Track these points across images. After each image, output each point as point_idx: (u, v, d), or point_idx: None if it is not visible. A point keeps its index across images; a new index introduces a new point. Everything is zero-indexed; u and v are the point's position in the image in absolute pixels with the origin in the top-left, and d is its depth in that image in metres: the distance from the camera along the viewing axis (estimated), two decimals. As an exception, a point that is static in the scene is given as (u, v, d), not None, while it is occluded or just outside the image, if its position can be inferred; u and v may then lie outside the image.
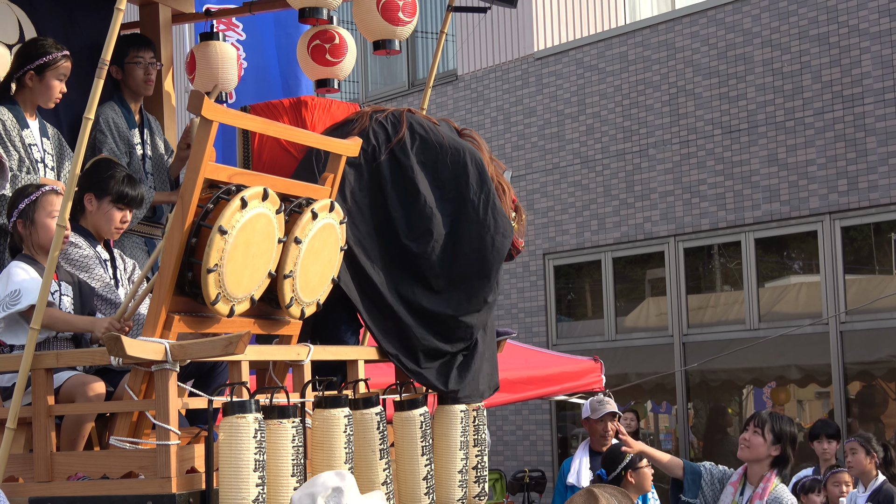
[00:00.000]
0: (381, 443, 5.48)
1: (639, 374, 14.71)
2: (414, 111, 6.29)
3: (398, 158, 6.09)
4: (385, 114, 6.19)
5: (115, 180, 5.74)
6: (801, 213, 13.34)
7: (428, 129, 6.19)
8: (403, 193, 6.07)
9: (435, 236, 6.04)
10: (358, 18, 6.78)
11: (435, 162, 6.14)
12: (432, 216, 6.05)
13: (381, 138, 6.11)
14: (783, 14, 13.55)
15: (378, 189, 6.06)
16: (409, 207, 6.06)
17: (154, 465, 4.85)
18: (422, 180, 6.08)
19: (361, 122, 6.14)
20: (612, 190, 15.06)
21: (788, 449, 6.79)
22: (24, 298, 5.30)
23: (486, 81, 16.53)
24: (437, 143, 6.17)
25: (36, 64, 6.18)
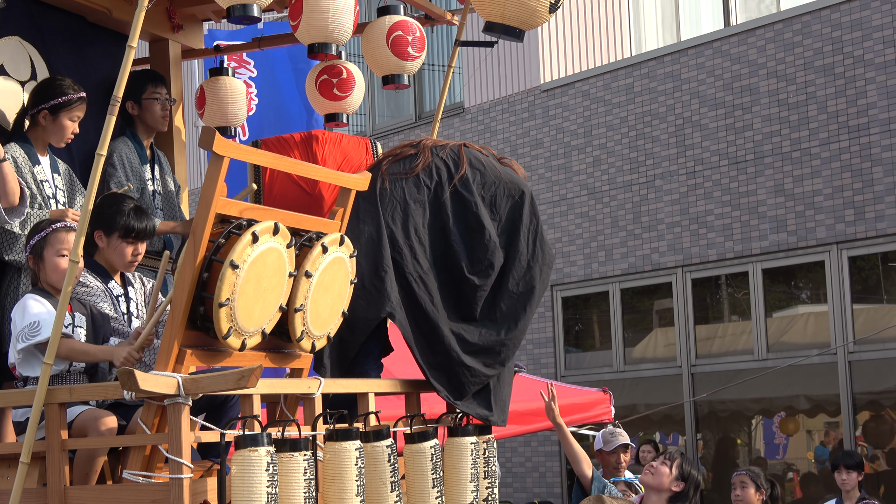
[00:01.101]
0: (392, 475, 5.49)
1: (647, 405, 14.71)
2: (469, 145, 6.38)
3: (461, 194, 6.19)
4: (446, 150, 6.29)
5: (122, 214, 5.77)
6: (808, 244, 13.35)
7: (485, 164, 6.29)
8: (466, 229, 6.17)
9: (496, 270, 6.13)
10: (367, 53, 6.83)
11: (494, 196, 6.24)
12: (495, 250, 6.16)
13: (444, 175, 6.21)
14: (788, 45, 13.61)
15: (441, 225, 6.15)
16: (472, 242, 6.16)
17: (167, 499, 4.87)
18: (484, 215, 6.19)
19: (424, 157, 6.24)
20: (619, 221, 15.09)
21: (691, 491, 6.84)
22: (44, 330, 5.33)
23: (492, 113, 16.59)
24: (495, 177, 6.26)
25: (50, 104, 6.22)
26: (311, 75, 7.04)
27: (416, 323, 6.04)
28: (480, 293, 6.12)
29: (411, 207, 6.08)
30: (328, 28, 6.19)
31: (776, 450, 14.59)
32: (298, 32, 6.29)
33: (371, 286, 5.99)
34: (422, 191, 6.13)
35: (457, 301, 6.12)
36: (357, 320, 5.95)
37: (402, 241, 6.05)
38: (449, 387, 6.09)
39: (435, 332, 6.03)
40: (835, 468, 9.66)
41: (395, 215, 6.10)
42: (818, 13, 13.42)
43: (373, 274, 6.00)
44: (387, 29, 6.74)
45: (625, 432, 9.70)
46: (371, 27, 6.81)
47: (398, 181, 6.16)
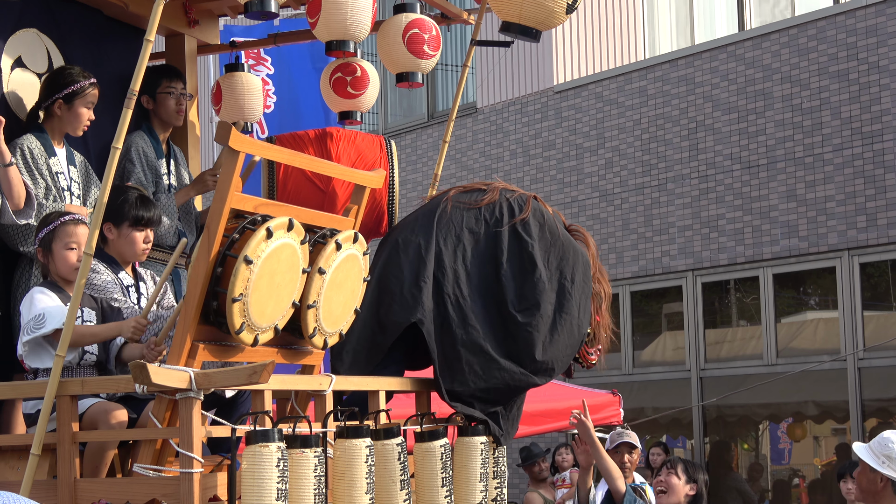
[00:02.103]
0: (402, 473, 5.50)
1: (655, 409, 14.69)
2: (539, 199, 6.45)
3: (519, 233, 6.25)
4: (515, 194, 6.37)
5: (128, 204, 5.79)
6: (819, 249, 13.34)
7: (547, 219, 6.36)
8: (519, 266, 6.22)
9: (541, 311, 6.16)
10: (382, 51, 6.82)
11: (548, 249, 6.28)
12: (543, 291, 6.18)
13: (506, 215, 6.27)
14: (803, 50, 13.59)
15: (494, 259, 6.21)
16: (522, 279, 6.21)
17: (177, 493, 4.87)
18: (538, 256, 6.24)
19: (492, 194, 6.34)
20: (630, 224, 15.08)
21: (703, 488, 6.84)
22: (49, 323, 5.35)
23: (505, 114, 16.59)
24: (552, 232, 6.34)
25: (64, 93, 6.23)
26: (325, 73, 7.04)
27: (441, 340, 6.08)
28: (525, 332, 6.15)
29: (465, 235, 6.20)
30: (346, 25, 6.20)
31: (781, 455, 14.58)
32: (317, 30, 6.29)
33: (409, 293, 6.07)
34: (479, 224, 6.25)
35: (504, 336, 6.16)
36: (389, 323, 6.05)
37: (448, 263, 6.14)
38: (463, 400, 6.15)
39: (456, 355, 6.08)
40: (840, 478, 9.63)
41: (447, 238, 6.19)
42: (833, 19, 13.40)
43: (412, 283, 6.09)
44: (403, 26, 6.74)
45: (633, 433, 9.68)
46: (387, 24, 6.81)
47: (460, 209, 6.28)
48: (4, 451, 5.45)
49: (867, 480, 5.85)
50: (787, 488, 14.49)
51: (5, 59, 6.37)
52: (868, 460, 5.82)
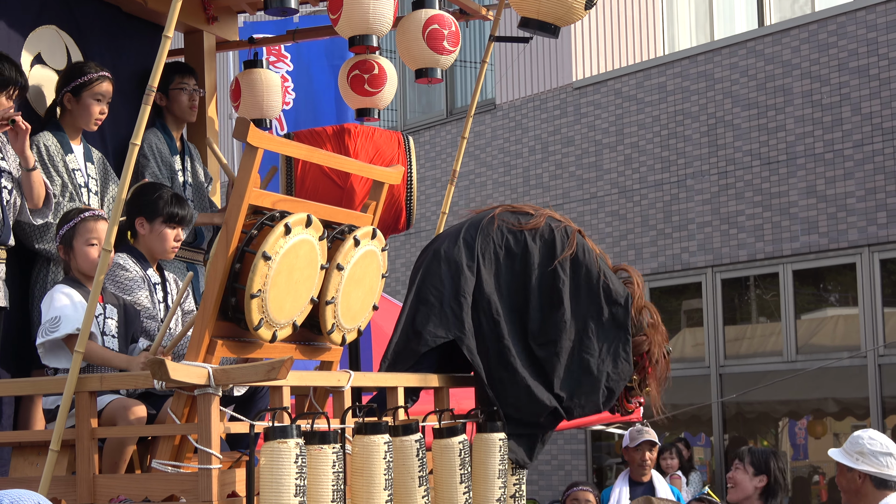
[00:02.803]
0: (421, 470, 5.49)
1: (675, 406, 14.67)
2: (584, 234, 6.45)
3: (556, 270, 6.23)
4: (561, 225, 6.35)
5: (163, 201, 5.81)
6: (839, 246, 13.29)
7: (588, 254, 6.33)
8: (547, 300, 6.21)
9: (558, 348, 6.16)
10: (402, 46, 6.82)
11: (580, 287, 6.26)
12: (563, 331, 6.18)
13: (547, 244, 6.26)
14: (823, 46, 13.54)
15: (524, 288, 6.21)
16: (548, 314, 6.19)
17: (195, 489, 4.87)
18: (567, 295, 6.21)
19: (538, 220, 6.32)
20: (649, 220, 15.05)
21: (775, 477, 6.76)
22: (63, 326, 5.35)
23: (524, 110, 16.57)
24: (588, 270, 6.30)
25: (72, 85, 6.25)
26: (342, 71, 7.04)
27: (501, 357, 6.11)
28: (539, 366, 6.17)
29: (503, 255, 6.19)
30: (369, 20, 6.20)
31: (801, 451, 14.55)
32: (339, 25, 6.28)
33: (448, 307, 6.06)
34: (519, 246, 6.22)
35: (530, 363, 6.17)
36: (426, 333, 6.03)
37: (487, 281, 6.13)
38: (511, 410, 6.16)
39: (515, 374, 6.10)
40: None
41: (486, 254, 6.18)
42: (853, 14, 13.35)
43: (452, 297, 6.08)
44: (423, 22, 6.73)
45: (653, 430, 9.67)
46: (407, 20, 6.80)
47: (504, 228, 6.25)
48: (24, 446, 5.46)
49: (846, 480, 5.96)
50: (806, 485, 14.45)
51: (25, 56, 6.38)
52: (843, 461, 5.95)
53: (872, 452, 5.91)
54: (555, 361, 6.16)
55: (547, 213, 6.43)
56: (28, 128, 5.75)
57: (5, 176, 5.82)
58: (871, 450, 5.92)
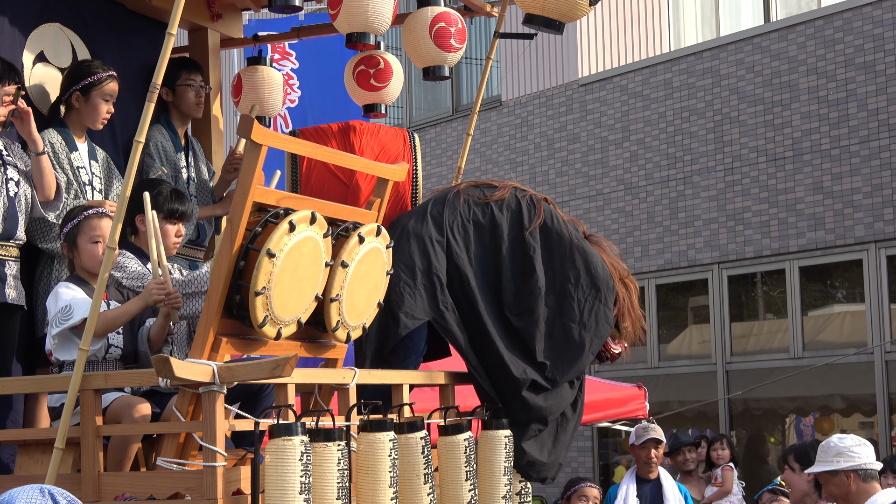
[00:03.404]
0: (426, 467, 5.48)
1: (681, 402, 14.65)
2: (551, 202, 6.42)
3: (525, 238, 6.22)
4: (528, 194, 6.34)
5: (163, 196, 5.80)
6: (846, 242, 13.27)
7: (558, 222, 6.33)
8: (519, 268, 6.21)
9: (535, 316, 6.16)
10: (408, 44, 6.80)
11: (552, 253, 6.26)
12: (539, 298, 6.18)
13: (514, 213, 6.24)
14: (829, 42, 13.52)
15: (497, 258, 6.19)
16: (520, 283, 6.19)
17: (200, 487, 4.87)
18: (539, 262, 6.22)
19: (503, 191, 6.30)
20: (655, 217, 15.04)
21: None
22: (76, 313, 5.34)
23: (530, 107, 16.56)
24: (559, 236, 6.30)
25: (81, 84, 6.25)
26: (348, 66, 7.04)
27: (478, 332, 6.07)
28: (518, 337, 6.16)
29: (471, 229, 6.17)
30: (368, 17, 6.18)
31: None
32: (337, 22, 6.27)
33: (421, 287, 6.04)
34: (486, 218, 6.21)
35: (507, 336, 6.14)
36: (401, 315, 5.99)
37: (458, 256, 6.11)
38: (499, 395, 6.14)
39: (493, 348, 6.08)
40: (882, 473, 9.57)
41: (455, 229, 6.16)
42: (859, 10, 13.33)
43: (424, 276, 6.05)
44: (430, 20, 6.72)
45: (659, 428, 9.65)
46: (413, 18, 6.79)
47: (470, 201, 6.24)
48: (29, 444, 5.47)
49: (835, 486, 5.95)
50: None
51: (27, 55, 6.38)
52: (825, 468, 5.94)
53: (847, 448, 5.93)
54: (533, 330, 6.14)
55: (511, 184, 6.41)
56: (29, 109, 5.75)
57: (11, 168, 5.82)
58: (845, 446, 5.94)
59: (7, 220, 5.76)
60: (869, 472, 5.91)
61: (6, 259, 5.79)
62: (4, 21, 6.26)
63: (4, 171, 5.79)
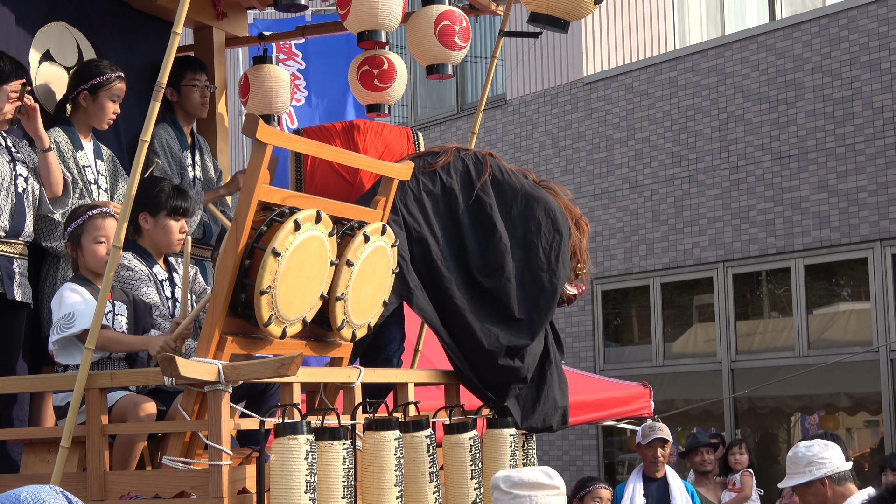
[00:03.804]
0: (431, 466, 5.49)
1: (686, 401, 14.64)
2: (496, 156, 6.37)
3: (479, 196, 6.19)
4: (470, 153, 6.29)
5: (165, 194, 5.82)
6: (851, 240, 13.26)
7: (506, 174, 6.28)
8: (481, 229, 6.16)
9: (506, 273, 6.11)
10: (413, 43, 6.81)
11: (510, 207, 6.23)
12: (506, 253, 6.14)
13: (463, 175, 6.20)
14: (834, 40, 13.51)
15: (456, 223, 6.14)
16: (484, 243, 6.15)
17: (206, 486, 4.87)
18: (498, 218, 6.17)
19: (447, 155, 6.24)
20: (660, 215, 15.03)
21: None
22: (78, 322, 5.36)
23: (535, 106, 16.55)
24: (512, 188, 6.26)
25: (90, 84, 6.26)
26: (352, 66, 7.04)
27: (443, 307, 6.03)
28: (493, 298, 6.12)
29: (425, 199, 6.09)
30: (378, 15, 6.20)
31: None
32: (348, 21, 6.28)
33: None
34: (436, 185, 6.14)
35: (479, 302, 6.11)
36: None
37: (417, 230, 6.04)
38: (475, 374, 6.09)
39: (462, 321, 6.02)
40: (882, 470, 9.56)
41: (407, 203, 6.09)
42: (864, 8, 13.32)
43: None
44: (434, 18, 6.72)
45: (665, 427, 9.66)
46: (417, 16, 6.79)
47: (417, 173, 6.15)
48: (34, 443, 5.47)
49: (812, 495, 5.88)
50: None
51: (33, 53, 6.39)
52: (801, 481, 5.88)
53: (816, 455, 5.86)
54: (507, 287, 6.11)
55: (452, 146, 6.36)
56: (36, 106, 5.76)
57: (20, 164, 5.83)
58: (814, 453, 5.87)
59: (15, 216, 5.77)
60: (842, 474, 5.86)
61: (13, 256, 5.79)
62: (11, 19, 6.27)
63: (14, 168, 5.80)
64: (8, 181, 5.75)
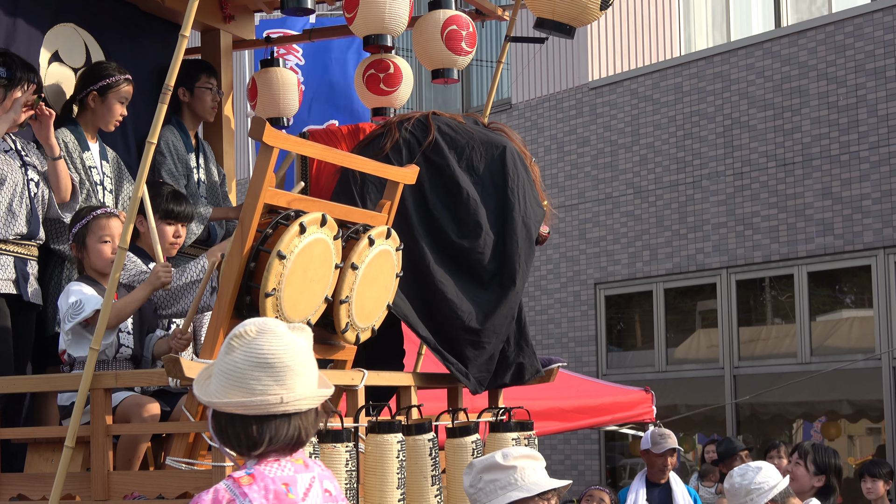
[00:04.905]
0: (433, 469, 5.50)
1: (689, 406, 14.66)
2: (439, 113, 6.29)
3: (432, 161, 6.10)
4: (412, 120, 6.20)
5: (160, 198, 5.85)
6: (854, 247, 13.27)
7: (456, 129, 6.20)
8: (444, 192, 6.08)
9: (485, 229, 6.05)
10: (419, 47, 6.82)
11: (470, 159, 6.15)
12: (478, 208, 6.05)
13: (414, 146, 6.12)
14: (839, 47, 13.52)
15: (420, 196, 6.06)
16: (453, 206, 6.07)
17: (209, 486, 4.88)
18: (461, 175, 6.09)
19: (392, 135, 6.15)
20: (664, 221, 15.04)
21: (833, 480, 6.73)
22: (87, 306, 5.37)
23: (540, 110, 16.57)
24: (468, 139, 6.17)
25: (99, 85, 6.28)
26: (358, 70, 7.05)
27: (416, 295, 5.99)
28: (476, 256, 6.03)
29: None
30: (384, 20, 6.21)
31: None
32: (354, 25, 6.29)
33: None
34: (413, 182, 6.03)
35: (457, 269, 6.07)
36: None
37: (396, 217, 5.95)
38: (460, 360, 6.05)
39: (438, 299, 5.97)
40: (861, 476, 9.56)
41: (369, 196, 5.99)
42: (870, 16, 13.33)
43: None
44: (441, 23, 6.73)
45: (674, 435, 9.69)
46: (424, 21, 6.80)
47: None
48: (39, 443, 5.49)
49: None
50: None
51: (44, 53, 6.41)
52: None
53: (751, 482, 5.78)
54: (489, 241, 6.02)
55: (394, 120, 6.22)
56: (52, 114, 5.79)
57: (31, 169, 5.86)
58: (749, 480, 5.79)
59: (32, 221, 5.82)
60: (783, 493, 5.83)
61: (29, 258, 5.84)
62: (21, 20, 6.29)
63: (25, 172, 5.84)
64: (21, 186, 5.79)
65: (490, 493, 4.52)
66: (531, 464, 4.53)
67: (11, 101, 5.73)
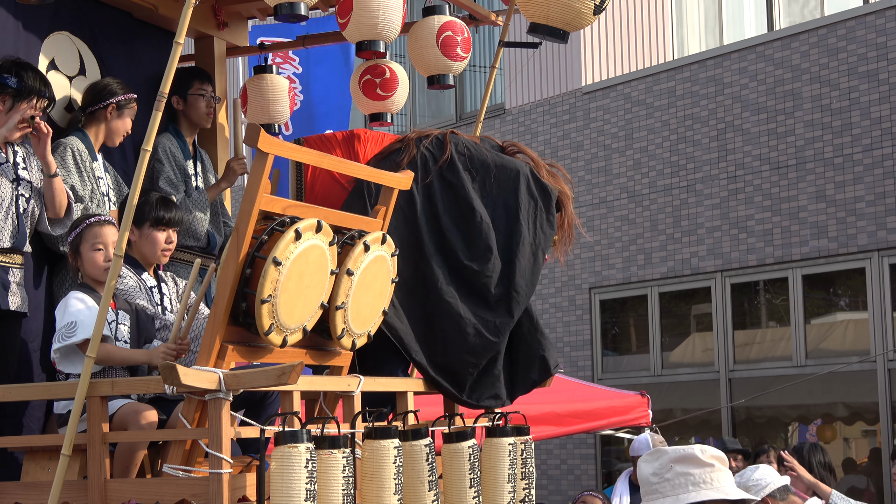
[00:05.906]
0: (430, 474, 5.50)
1: (684, 410, 14.67)
2: (457, 133, 6.31)
3: (448, 180, 6.12)
4: (430, 138, 6.21)
5: (149, 205, 5.85)
6: (849, 250, 13.29)
7: (472, 149, 6.21)
8: (458, 213, 6.09)
9: (494, 254, 6.06)
10: (414, 53, 6.83)
11: (483, 181, 6.16)
12: (489, 232, 6.08)
13: (430, 164, 6.14)
14: (832, 50, 13.54)
15: (433, 214, 6.09)
16: (465, 227, 6.08)
17: (206, 494, 4.89)
18: (474, 197, 6.11)
19: (409, 150, 6.15)
20: (658, 225, 15.06)
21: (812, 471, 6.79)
22: (80, 331, 5.38)
23: (533, 115, 16.59)
24: (482, 162, 6.19)
25: (118, 100, 6.32)
26: (354, 75, 7.06)
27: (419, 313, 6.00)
28: (484, 279, 6.04)
29: (400, 201, 5.95)
30: (377, 26, 6.22)
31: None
32: (347, 30, 6.30)
33: None
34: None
35: (468, 290, 6.08)
36: None
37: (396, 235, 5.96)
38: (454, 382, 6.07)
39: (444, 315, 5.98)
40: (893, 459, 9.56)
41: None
42: (863, 18, 13.36)
43: None
44: (436, 29, 6.75)
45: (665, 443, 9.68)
46: (419, 27, 6.81)
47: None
48: (36, 451, 5.49)
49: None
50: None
51: (42, 60, 6.41)
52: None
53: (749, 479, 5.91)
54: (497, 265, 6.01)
55: (412, 136, 6.22)
56: (49, 131, 5.78)
57: (24, 185, 5.85)
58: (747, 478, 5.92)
59: (17, 235, 5.79)
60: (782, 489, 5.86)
61: (10, 266, 5.81)
62: (20, 28, 6.29)
63: (16, 188, 5.82)
64: (9, 201, 5.77)
65: (679, 487, 4.26)
66: (724, 467, 4.40)
67: (16, 113, 5.73)
